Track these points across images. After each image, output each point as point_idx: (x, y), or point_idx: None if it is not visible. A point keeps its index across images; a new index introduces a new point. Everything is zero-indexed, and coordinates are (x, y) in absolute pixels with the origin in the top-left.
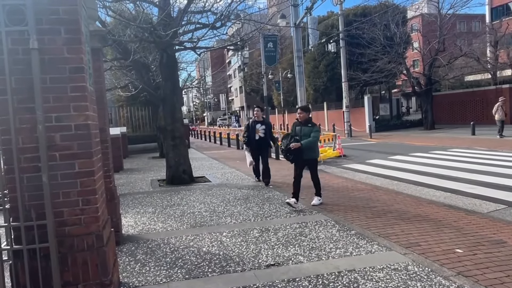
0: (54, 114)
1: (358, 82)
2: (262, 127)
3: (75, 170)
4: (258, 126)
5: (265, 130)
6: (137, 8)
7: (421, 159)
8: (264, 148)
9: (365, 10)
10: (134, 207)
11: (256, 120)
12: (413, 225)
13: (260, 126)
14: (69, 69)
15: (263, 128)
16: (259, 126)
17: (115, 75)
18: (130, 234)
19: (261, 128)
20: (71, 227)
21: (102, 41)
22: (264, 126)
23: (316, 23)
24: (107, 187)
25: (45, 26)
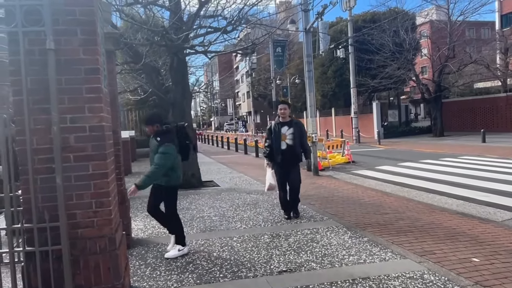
0: (69, 115)
1: (366, 88)
2: (290, 131)
3: (89, 172)
4: (284, 130)
5: (294, 135)
6: (148, 12)
7: (432, 166)
8: (294, 162)
9: (374, 16)
10: (144, 211)
11: (282, 122)
12: (426, 233)
13: (287, 130)
14: (84, 70)
15: (291, 132)
16: (285, 129)
17: (124, 78)
18: (140, 238)
19: (289, 132)
20: (84, 229)
21: (115, 43)
22: (292, 129)
23: (327, 28)
24: (118, 190)
25: (61, 26)
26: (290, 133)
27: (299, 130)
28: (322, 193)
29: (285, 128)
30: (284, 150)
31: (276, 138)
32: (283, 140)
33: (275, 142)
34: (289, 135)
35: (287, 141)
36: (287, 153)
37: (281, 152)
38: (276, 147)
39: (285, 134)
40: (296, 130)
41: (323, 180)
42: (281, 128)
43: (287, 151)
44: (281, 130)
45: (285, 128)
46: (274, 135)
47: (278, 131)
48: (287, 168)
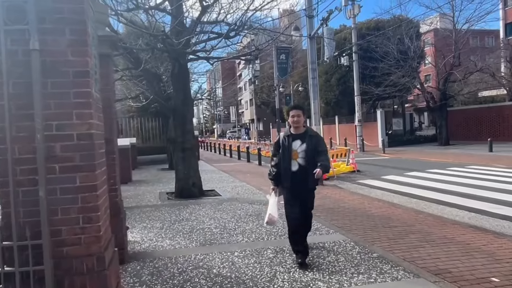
0: (54, 122)
1: (370, 96)
2: (303, 148)
3: (76, 184)
4: (296, 145)
5: (307, 153)
6: (150, 18)
7: (439, 176)
8: (308, 188)
9: (378, 24)
10: (141, 222)
11: (294, 133)
12: (439, 248)
13: (300, 146)
14: (73, 73)
15: (303, 149)
16: (297, 144)
17: (126, 85)
18: (136, 252)
19: (301, 149)
20: (69, 247)
21: (113, 47)
22: (305, 146)
23: (332, 34)
24: (112, 202)
25: (48, 25)
26: (303, 150)
27: (314, 145)
28: (327, 204)
29: (297, 142)
30: (296, 172)
31: (285, 155)
32: (294, 158)
33: (283, 161)
34: (301, 152)
35: (298, 161)
36: (299, 176)
37: (291, 174)
38: (285, 167)
39: (296, 151)
40: (310, 146)
41: (327, 190)
42: (292, 142)
43: (299, 174)
44: (292, 145)
45: (297, 142)
46: (283, 152)
47: (288, 146)
48: (299, 195)
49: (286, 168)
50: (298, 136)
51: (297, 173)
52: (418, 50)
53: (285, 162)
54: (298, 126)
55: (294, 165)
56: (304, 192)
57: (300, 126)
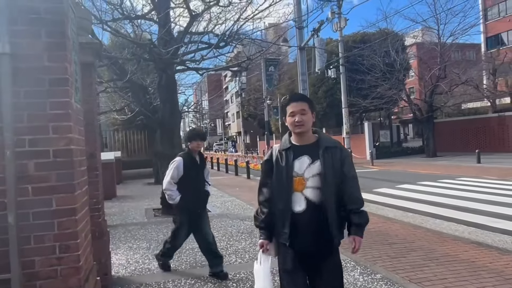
0: (28, 137)
1: (357, 108)
2: (316, 168)
3: (52, 207)
4: (301, 166)
5: (325, 177)
6: (136, 29)
7: (431, 188)
8: (326, 245)
9: (365, 37)
10: (126, 242)
11: (296, 144)
12: (444, 267)
13: (309, 166)
14: (49, 80)
15: (317, 171)
16: (304, 163)
17: (110, 97)
18: (121, 276)
19: (313, 170)
20: (44, 281)
21: (96, 55)
22: (319, 166)
23: (324, 45)
24: (95, 223)
25: (20, 27)
26: (316, 172)
27: (336, 164)
28: None
29: (303, 161)
30: (302, 215)
31: (281, 185)
32: (298, 190)
33: (278, 195)
34: (312, 179)
35: (307, 194)
36: (308, 224)
37: (292, 221)
38: (282, 208)
39: (302, 177)
40: (329, 166)
41: None
42: (295, 160)
43: (308, 219)
44: (294, 166)
45: (304, 161)
46: (277, 178)
47: (287, 169)
48: (309, 262)
49: (284, 209)
50: (304, 150)
51: (305, 218)
52: (404, 63)
53: (282, 198)
54: (304, 131)
55: (299, 202)
56: (319, 256)
57: (306, 130)
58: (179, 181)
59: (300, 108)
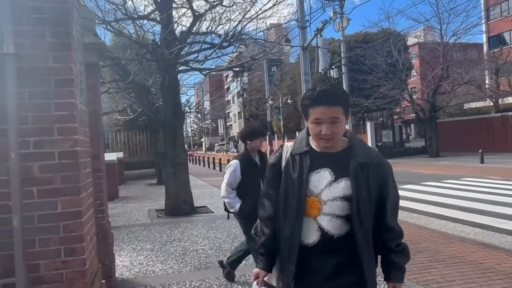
0: (32, 138)
1: (360, 109)
2: (339, 190)
3: (57, 210)
4: (320, 182)
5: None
6: (138, 30)
7: (435, 188)
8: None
9: (367, 37)
10: (130, 243)
11: (318, 151)
12: (452, 269)
13: (332, 184)
14: (54, 81)
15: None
16: (325, 180)
17: (113, 98)
18: (125, 278)
19: (334, 192)
20: (49, 285)
21: (100, 56)
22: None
23: (327, 44)
24: (99, 225)
25: (25, 27)
26: (339, 195)
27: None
28: None
29: (323, 175)
30: (312, 249)
31: (290, 202)
32: (309, 214)
33: (285, 215)
34: (334, 202)
35: (320, 221)
36: (320, 263)
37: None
38: (289, 234)
39: (318, 198)
40: (362, 186)
41: None
42: (312, 172)
43: (321, 256)
44: (310, 180)
45: (324, 175)
46: (286, 192)
47: (300, 182)
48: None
49: (290, 238)
50: (327, 159)
51: (317, 255)
52: (406, 63)
53: (289, 222)
54: (331, 145)
55: (310, 232)
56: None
57: (336, 140)
58: (238, 187)
59: (330, 116)
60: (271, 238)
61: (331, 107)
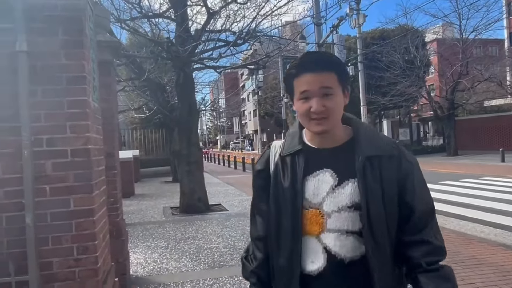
0: (45, 136)
1: (376, 106)
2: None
3: (69, 208)
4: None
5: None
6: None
7: (453, 188)
8: None
9: (383, 33)
10: (145, 240)
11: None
12: (472, 271)
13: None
14: (66, 78)
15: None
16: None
17: (129, 96)
18: (139, 276)
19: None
20: (62, 283)
21: (114, 54)
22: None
23: (343, 41)
24: (113, 222)
25: (38, 24)
26: (346, 203)
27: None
28: None
29: (323, 178)
30: (318, 279)
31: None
32: (310, 232)
33: (277, 236)
34: (341, 213)
35: (325, 240)
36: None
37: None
38: (284, 264)
39: (319, 208)
40: (374, 188)
41: None
42: (308, 176)
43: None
44: (305, 187)
45: (325, 178)
46: (276, 205)
47: (294, 191)
48: None
49: (287, 267)
50: (327, 157)
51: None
52: (424, 59)
53: (283, 246)
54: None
55: (313, 255)
56: None
57: (332, 126)
58: None
59: (321, 86)
60: (264, 264)
61: (320, 72)
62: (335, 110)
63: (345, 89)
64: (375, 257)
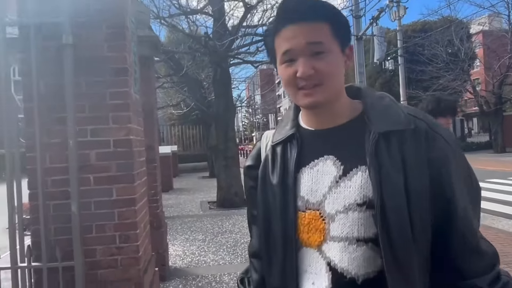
0: (89, 127)
1: (417, 101)
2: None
3: (112, 197)
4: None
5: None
6: (191, 26)
7: (501, 186)
8: None
9: (425, 26)
10: (183, 233)
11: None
12: None
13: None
14: (109, 70)
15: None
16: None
17: (167, 93)
18: (178, 267)
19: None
20: (105, 270)
21: (154, 49)
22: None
23: (383, 33)
24: (153, 213)
25: (82, 18)
26: (355, 200)
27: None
28: None
29: (324, 168)
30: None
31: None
32: (308, 242)
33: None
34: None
35: (328, 252)
36: None
37: None
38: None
39: (319, 210)
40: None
41: None
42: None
43: None
44: (299, 182)
45: (326, 169)
46: (264, 209)
47: (285, 188)
48: None
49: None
50: (328, 140)
51: None
52: (469, 52)
53: (274, 262)
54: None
55: (313, 273)
56: None
57: (327, 98)
58: None
59: (308, 41)
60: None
61: (306, 23)
62: (330, 73)
63: (345, 46)
64: (393, 275)
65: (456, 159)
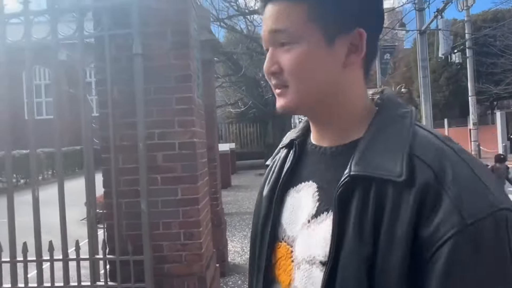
0: (157, 130)
1: (487, 96)
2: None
3: (177, 197)
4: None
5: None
6: (249, 26)
7: None
8: None
9: (497, 15)
10: (241, 230)
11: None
12: None
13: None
14: (174, 77)
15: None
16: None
17: (225, 92)
18: (236, 263)
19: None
20: (170, 265)
21: (214, 52)
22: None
23: (449, 26)
24: (213, 211)
25: (150, 28)
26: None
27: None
28: None
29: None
30: None
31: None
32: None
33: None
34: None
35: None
36: None
37: None
38: None
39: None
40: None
41: None
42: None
43: None
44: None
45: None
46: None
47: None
48: None
49: None
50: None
51: None
52: None
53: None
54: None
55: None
56: None
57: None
58: None
59: (272, 28)
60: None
61: (275, 2)
62: (295, 71)
63: (338, 33)
64: None
65: (464, 253)
